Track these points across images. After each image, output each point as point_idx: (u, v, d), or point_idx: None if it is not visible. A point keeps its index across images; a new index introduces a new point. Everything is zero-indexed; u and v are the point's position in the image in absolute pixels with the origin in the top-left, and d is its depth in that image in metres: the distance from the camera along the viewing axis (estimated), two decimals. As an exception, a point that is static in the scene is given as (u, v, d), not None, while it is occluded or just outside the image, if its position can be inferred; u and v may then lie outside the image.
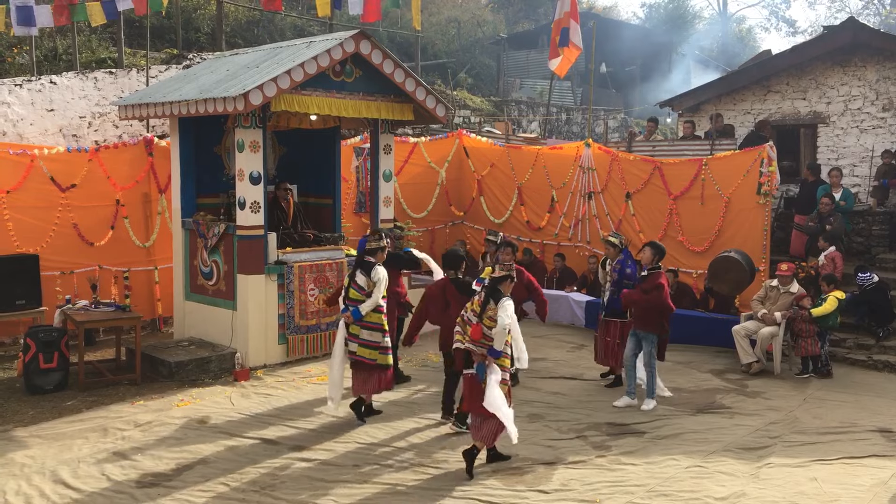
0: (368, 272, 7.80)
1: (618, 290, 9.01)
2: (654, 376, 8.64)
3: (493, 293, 6.67)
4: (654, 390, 8.63)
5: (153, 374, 9.30)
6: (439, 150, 14.47)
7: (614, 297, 9.07)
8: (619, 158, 12.70)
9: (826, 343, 9.99)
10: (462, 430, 7.45)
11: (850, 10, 38.07)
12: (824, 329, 9.94)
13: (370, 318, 7.80)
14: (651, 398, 8.59)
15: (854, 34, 13.83)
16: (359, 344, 7.81)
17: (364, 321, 7.78)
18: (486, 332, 6.60)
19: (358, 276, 7.84)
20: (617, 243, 9.15)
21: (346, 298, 7.91)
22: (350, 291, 7.88)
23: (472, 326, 6.65)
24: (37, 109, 12.32)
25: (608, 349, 9.25)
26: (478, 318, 6.65)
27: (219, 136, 10.80)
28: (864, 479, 6.71)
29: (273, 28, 20.86)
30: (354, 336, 7.82)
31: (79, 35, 14.99)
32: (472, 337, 6.65)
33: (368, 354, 7.79)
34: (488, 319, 6.60)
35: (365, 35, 9.76)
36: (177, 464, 6.78)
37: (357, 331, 7.81)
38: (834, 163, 13.94)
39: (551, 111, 23.21)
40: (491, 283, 6.75)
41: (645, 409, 8.46)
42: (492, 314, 6.59)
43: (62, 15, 12.81)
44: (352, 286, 7.87)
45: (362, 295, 7.80)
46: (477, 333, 6.62)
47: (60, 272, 10.37)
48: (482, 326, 6.61)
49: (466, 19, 29.26)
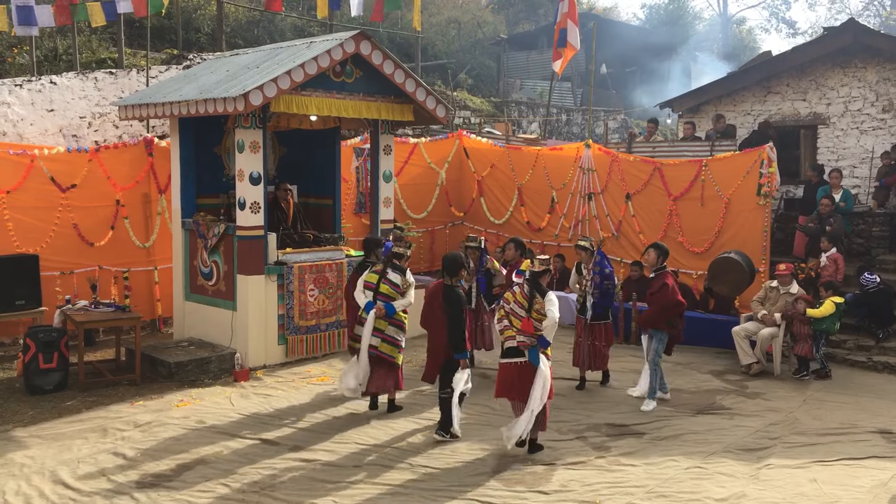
0: (403, 272, 8.02)
1: (600, 292, 9.03)
2: (657, 375, 8.66)
3: (537, 287, 6.99)
4: (655, 390, 8.64)
5: (153, 374, 9.30)
6: (439, 151, 14.48)
7: (597, 301, 9.07)
8: (619, 159, 12.71)
9: (822, 347, 9.96)
10: (446, 439, 7.40)
11: (850, 12, 38.10)
12: (818, 332, 9.91)
13: (398, 315, 8.00)
14: (652, 399, 8.59)
15: (854, 35, 13.83)
16: (382, 339, 7.98)
17: (394, 318, 7.96)
18: (535, 325, 6.90)
19: (391, 273, 8.01)
20: (588, 246, 9.20)
21: (377, 293, 8.00)
22: (381, 286, 8.01)
23: (523, 320, 6.94)
24: (37, 109, 12.31)
25: (596, 353, 9.18)
26: (527, 311, 6.94)
27: (219, 136, 10.80)
28: (864, 480, 6.70)
29: (273, 28, 20.86)
30: (380, 331, 7.98)
31: (79, 35, 14.99)
32: (523, 330, 6.93)
33: (389, 351, 7.99)
34: (536, 313, 6.90)
35: (365, 36, 9.76)
36: (176, 464, 6.78)
37: (384, 326, 7.98)
38: (834, 164, 13.94)
39: (551, 112, 23.21)
40: (532, 277, 7.03)
41: (644, 409, 8.46)
42: (539, 307, 6.89)
43: (63, 14, 12.82)
44: (383, 282, 8.01)
45: (396, 292, 7.97)
46: (529, 327, 6.93)
47: (60, 272, 10.36)
48: (532, 320, 6.92)
49: (467, 20, 29.26)
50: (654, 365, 8.63)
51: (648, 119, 16.19)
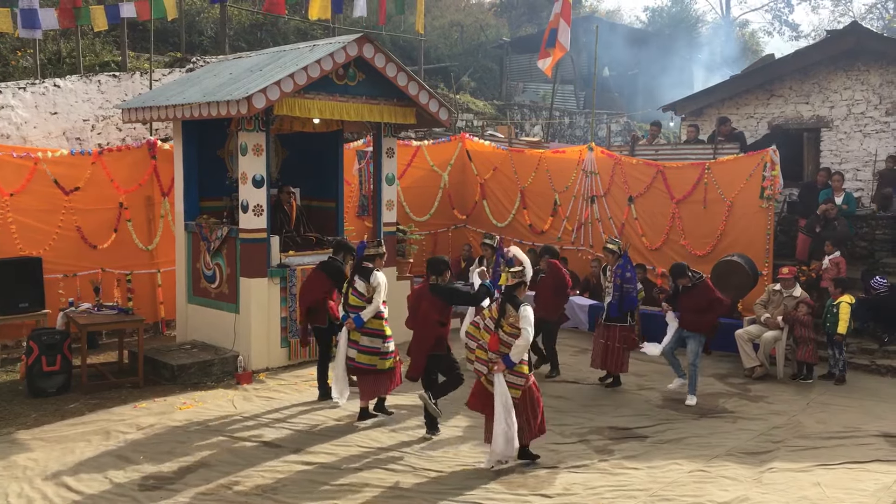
0: (367, 277, 7.81)
1: (619, 293, 9.06)
2: (697, 375, 8.92)
3: (510, 300, 6.70)
4: (696, 386, 8.88)
5: (155, 376, 9.31)
6: (442, 154, 14.48)
7: (613, 303, 9.16)
8: (621, 162, 12.70)
9: (843, 352, 9.93)
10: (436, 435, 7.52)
11: (853, 15, 38.01)
12: (832, 334, 9.87)
13: (371, 324, 7.82)
14: (693, 394, 8.83)
15: (858, 38, 13.82)
16: (358, 350, 7.82)
17: (365, 327, 7.79)
18: (504, 338, 6.63)
19: (357, 281, 7.86)
20: (615, 249, 9.26)
21: (346, 305, 7.92)
22: (350, 298, 7.89)
23: (490, 336, 6.68)
24: (40, 112, 12.34)
25: (609, 353, 9.24)
26: (495, 326, 6.68)
27: (222, 139, 10.81)
28: (867, 483, 6.68)
29: (276, 32, 20.86)
30: (354, 342, 7.84)
31: (83, 38, 15.01)
32: (489, 347, 6.67)
33: (367, 360, 7.82)
34: (508, 326, 6.64)
35: (368, 39, 9.77)
36: (179, 467, 6.78)
37: (357, 337, 7.83)
38: (837, 167, 13.92)
39: (554, 115, 23.20)
40: (507, 291, 6.77)
41: (689, 403, 8.71)
42: (513, 321, 6.62)
43: (67, 17, 12.85)
44: (351, 292, 7.87)
45: (362, 301, 7.82)
46: (494, 344, 6.66)
47: (63, 275, 10.38)
48: (500, 334, 6.65)
49: (469, 23, 29.27)
50: (694, 366, 8.90)
51: (651, 122, 16.18)
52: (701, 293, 8.94)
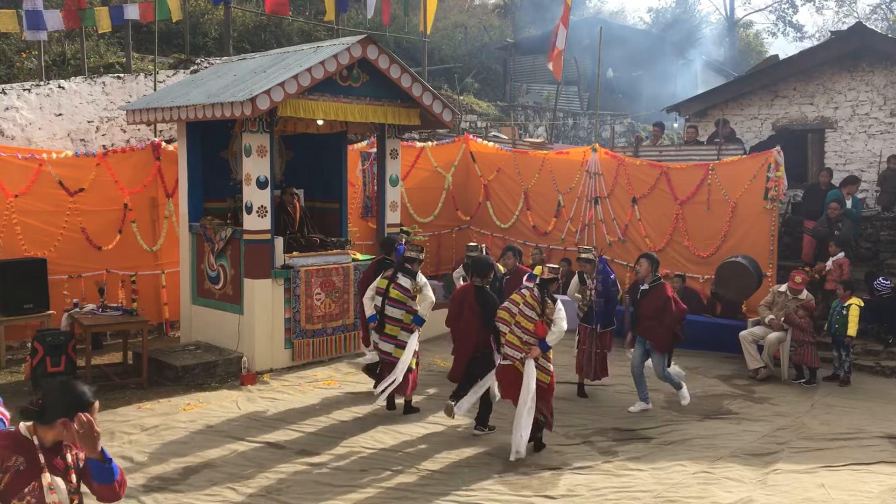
0: (413, 276, 8.09)
1: (605, 299, 9.00)
2: (672, 375, 8.72)
3: (549, 293, 7.11)
4: (678, 383, 8.69)
5: (160, 377, 9.32)
6: (446, 155, 14.48)
7: (600, 311, 9.00)
8: (625, 163, 12.69)
9: (849, 355, 9.89)
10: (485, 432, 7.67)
11: (857, 16, 37.94)
12: (840, 336, 9.84)
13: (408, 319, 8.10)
14: (680, 390, 8.67)
15: (862, 39, 13.81)
16: (395, 345, 8.04)
17: (403, 323, 8.06)
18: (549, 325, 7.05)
19: (401, 277, 8.10)
20: (591, 258, 9.06)
21: (387, 298, 8.08)
22: (391, 291, 8.08)
23: (537, 323, 7.04)
24: (45, 114, 12.36)
25: (600, 361, 9.11)
26: (539, 316, 7.06)
27: (226, 140, 10.83)
28: (872, 485, 6.67)
29: (280, 33, 20.90)
30: (392, 337, 8.06)
31: (87, 40, 15.05)
32: (537, 334, 7.04)
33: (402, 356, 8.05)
34: (547, 318, 7.05)
35: (372, 40, 9.78)
36: (183, 468, 6.79)
37: (396, 332, 8.05)
38: (842, 168, 13.91)
39: (558, 116, 23.20)
40: (542, 284, 7.13)
41: (684, 403, 8.61)
42: (549, 313, 7.03)
43: (72, 19, 12.88)
44: (394, 287, 8.09)
45: (406, 296, 8.05)
46: (543, 331, 7.04)
47: (68, 276, 10.40)
48: (545, 325, 7.06)
49: (473, 24, 29.30)
50: (667, 374, 8.64)
51: (655, 123, 16.16)
52: (658, 294, 8.45)
